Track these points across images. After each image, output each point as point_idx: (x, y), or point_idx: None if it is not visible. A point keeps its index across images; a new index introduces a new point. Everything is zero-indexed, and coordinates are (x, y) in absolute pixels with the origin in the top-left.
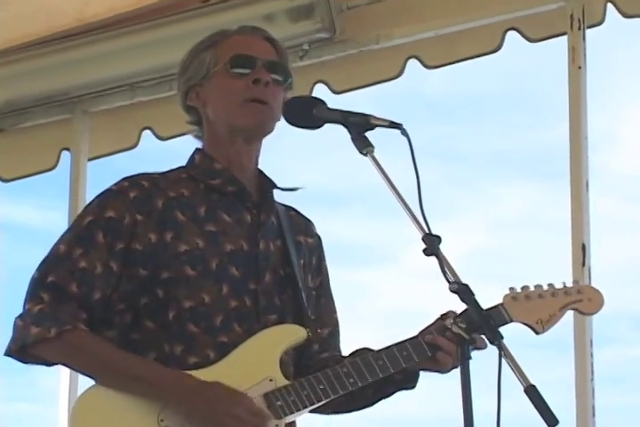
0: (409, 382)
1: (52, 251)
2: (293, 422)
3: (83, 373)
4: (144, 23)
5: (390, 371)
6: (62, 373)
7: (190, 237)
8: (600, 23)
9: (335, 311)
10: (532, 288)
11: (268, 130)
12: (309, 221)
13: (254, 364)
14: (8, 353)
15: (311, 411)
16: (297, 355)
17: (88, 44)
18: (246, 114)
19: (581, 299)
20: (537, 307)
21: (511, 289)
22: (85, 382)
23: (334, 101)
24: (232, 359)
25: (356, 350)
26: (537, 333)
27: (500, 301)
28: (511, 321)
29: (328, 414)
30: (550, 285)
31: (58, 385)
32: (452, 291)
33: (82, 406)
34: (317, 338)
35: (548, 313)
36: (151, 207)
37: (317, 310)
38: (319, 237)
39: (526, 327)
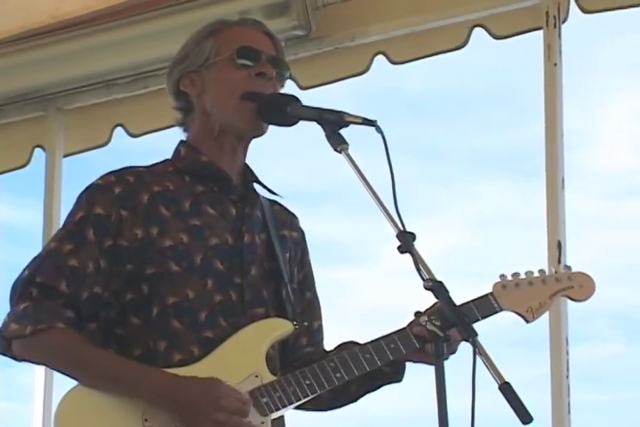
0: (397, 374)
1: (44, 248)
2: (282, 418)
3: (62, 373)
4: (118, 20)
5: (378, 364)
6: (38, 371)
7: (175, 232)
8: (564, 20)
9: (320, 306)
10: (522, 275)
11: (262, 133)
12: (293, 215)
13: (239, 360)
14: (1, 352)
15: (295, 407)
16: (283, 348)
17: (62, 41)
18: (243, 114)
19: (572, 285)
20: (527, 295)
21: (501, 277)
22: (62, 381)
23: (301, 97)
24: (217, 356)
25: (342, 344)
26: (527, 321)
27: (490, 289)
28: (501, 310)
29: (311, 411)
30: (541, 271)
31: (34, 383)
32: (426, 288)
33: (65, 406)
34: (306, 332)
35: (539, 301)
36: (136, 203)
37: (303, 304)
38: (303, 232)
39: (493, 323)
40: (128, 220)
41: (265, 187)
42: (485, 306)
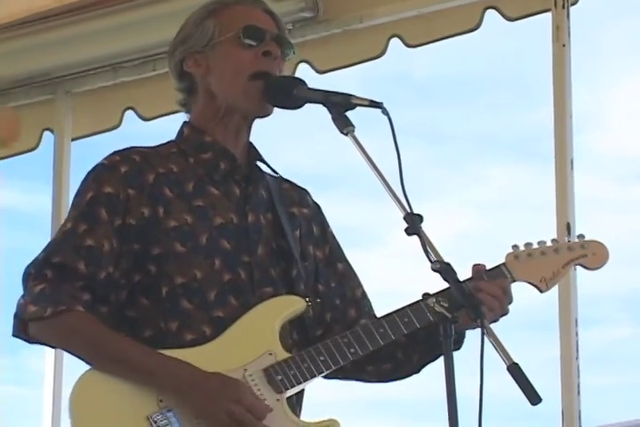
0: (456, 342)
1: (59, 229)
2: (301, 392)
3: (78, 357)
4: (125, 3)
5: (392, 338)
6: (48, 355)
7: (179, 213)
8: (575, 2)
9: (356, 273)
10: (535, 245)
11: (268, 113)
12: (304, 190)
13: (253, 338)
14: (14, 333)
15: (355, 380)
16: (337, 324)
17: (70, 24)
18: (250, 96)
19: (585, 254)
20: (540, 265)
21: (514, 247)
22: (72, 366)
23: (318, 81)
24: (230, 335)
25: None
26: (541, 291)
27: (503, 260)
28: (514, 281)
29: (374, 382)
30: (554, 240)
31: (44, 368)
32: (433, 270)
33: (80, 387)
34: (352, 303)
35: (552, 271)
36: (142, 181)
37: (337, 276)
38: (317, 205)
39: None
40: (135, 198)
41: (268, 166)
42: (499, 277)
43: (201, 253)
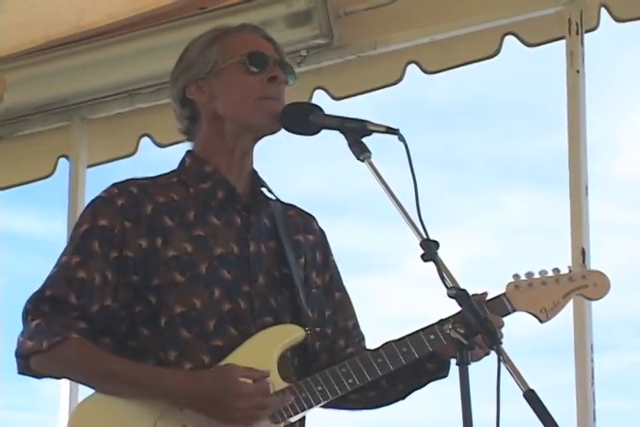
0: (441, 371)
1: (55, 263)
2: (303, 419)
3: (82, 383)
4: (142, 30)
5: (390, 368)
6: (63, 382)
7: (179, 242)
8: (594, 28)
9: (352, 304)
10: (536, 275)
11: (278, 129)
12: (310, 216)
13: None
14: (19, 371)
15: (339, 408)
16: (324, 353)
17: (86, 51)
18: (262, 110)
19: (586, 284)
20: (540, 295)
21: (515, 277)
22: (87, 391)
23: (334, 108)
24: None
25: (384, 344)
26: (541, 321)
27: (503, 290)
28: (514, 311)
29: (359, 410)
30: (555, 270)
31: (59, 394)
32: (450, 296)
33: (78, 414)
34: (342, 333)
35: (552, 301)
36: (139, 213)
37: (334, 305)
38: (322, 232)
39: (518, 330)
40: (132, 231)
41: (270, 191)
42: (498, 307)
43: (200, 282)
